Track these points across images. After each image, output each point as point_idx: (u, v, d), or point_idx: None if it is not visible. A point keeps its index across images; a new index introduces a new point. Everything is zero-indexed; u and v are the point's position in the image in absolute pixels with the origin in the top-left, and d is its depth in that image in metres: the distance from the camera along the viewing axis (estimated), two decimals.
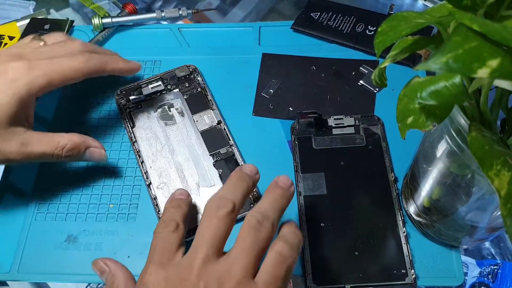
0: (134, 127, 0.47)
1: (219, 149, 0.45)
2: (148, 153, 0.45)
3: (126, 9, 0.56)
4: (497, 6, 0.22)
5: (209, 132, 0.46)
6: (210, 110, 0.48)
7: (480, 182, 0.30)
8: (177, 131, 0.46)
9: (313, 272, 0.38)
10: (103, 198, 0.44)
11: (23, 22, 0.56)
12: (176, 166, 0.44)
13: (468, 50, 0.19)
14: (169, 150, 0.45)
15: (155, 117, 0.47)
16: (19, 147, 0.37)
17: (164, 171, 0.44)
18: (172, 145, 0.46)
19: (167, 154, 0.45)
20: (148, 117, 0.48)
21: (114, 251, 0.41)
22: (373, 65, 0.50)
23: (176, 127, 0.47)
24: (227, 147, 0.45)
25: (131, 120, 0.47)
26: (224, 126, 0.46)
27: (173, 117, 0.47)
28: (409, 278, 0.38)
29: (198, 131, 0.46)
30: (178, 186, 0.43)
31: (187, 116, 0.47)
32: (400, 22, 0.24)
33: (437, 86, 0.21)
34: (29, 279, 0.41)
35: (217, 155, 0.45)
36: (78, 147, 0.40)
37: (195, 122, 0.47)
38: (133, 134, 0.46)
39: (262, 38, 0.54)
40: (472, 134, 0.23)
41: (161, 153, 0.45)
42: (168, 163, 0.45)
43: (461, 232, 0.37)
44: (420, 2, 0.59)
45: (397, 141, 0.45)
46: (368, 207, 0.41)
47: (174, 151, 0.45)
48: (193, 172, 0.44)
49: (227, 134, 0.46)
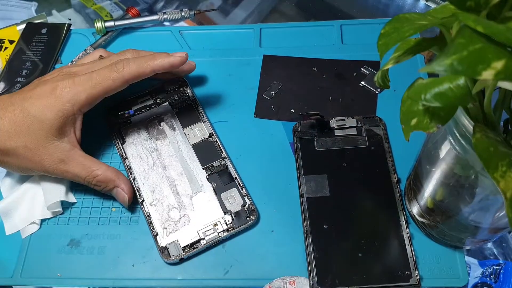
0: (124, 143, 0.46)
1: (212, 162, 0.44)
2: (140, 169, 0.44)
3: (129, 13, 0.56)
4: (500, 7, 0.22)
5: (201, 145, 0.46)
6: (201, 123, 0.47)
7: (483, 183, 0.30)
8: (169, 146, 0.46)
9: (317, 274, 0.38)
10: (105, 201, 0.44)
11: (23, 26, 0.56)
12: (169, 181, 0.43)
13: (472, 52, 0.19)
14: (161, 165, 0.44)
15: (145, 132, 0.46)
16: (58, 163, 0.40)
17: (157, 187, 0.43)
18: (164, 160, 0.45)
19: (159, 170, 0.44)
20: (138, 133, 0.46)
21: (117, 254, 0.41)
22: (374, 66, 0.50)
23: (167, 141, 0.46)
24: (220, 159, 0.44)
25: (121, 136, 0.46)
26: (216, 138, 0.46)
27: (164, 132, 0.46)
28: (413, 279, 0.38)
29: (190, 144, 0.45)
30: (172, 202, 0.42)
31: (178, 130, 0.46)
32: (403, 23, 0.24)
33: (441, 88, 0.21)
34: (32, 283, 0.41)
35: (210, 169, 0.44)
36: (108, 183, 0.41)
37: (187, 136, 0.46)
38: (123, 151, 0.45)
39: (263, 39, 0.54)
40: (477, 136, 0.23)
41: (153, 169, 0.44)
42: (160, 179, 0.44)
43: (464, 232, 0.37)
44: (422, 2, 0.59)
45: (400, 142, 0.45)
46: (371, 208, 0.41)
47: (166, 166, 0.44)
48: (187, 186, 0.43)
49: (219, 147, 0.45)
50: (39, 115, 0.39)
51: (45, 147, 0.39)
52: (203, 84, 0.51)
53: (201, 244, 0.40)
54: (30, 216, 0.43)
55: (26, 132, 0.39)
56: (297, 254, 0.40)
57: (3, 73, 0.52)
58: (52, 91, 0.40)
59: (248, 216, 0.41)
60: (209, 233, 0.41)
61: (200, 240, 0.40)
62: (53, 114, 0.39)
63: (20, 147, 0.39)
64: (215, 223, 0.41)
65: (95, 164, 0.41)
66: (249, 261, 0.40)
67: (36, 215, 0.43)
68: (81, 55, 0.53)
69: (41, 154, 0.39)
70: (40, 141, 0.39)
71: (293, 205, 0.42)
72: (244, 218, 0.41)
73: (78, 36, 0.56)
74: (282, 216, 0.42)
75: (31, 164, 0.40)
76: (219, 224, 0.41)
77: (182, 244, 0.40)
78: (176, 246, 0.40)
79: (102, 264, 0.41)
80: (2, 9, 0.61)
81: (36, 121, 0.39)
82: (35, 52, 0.54)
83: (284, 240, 0.41)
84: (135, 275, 0.40)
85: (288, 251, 0.40)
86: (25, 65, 0.53)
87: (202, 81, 0.51)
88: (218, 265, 0.40)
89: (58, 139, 0.40)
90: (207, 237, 0.40)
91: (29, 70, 0.52)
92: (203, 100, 0.49)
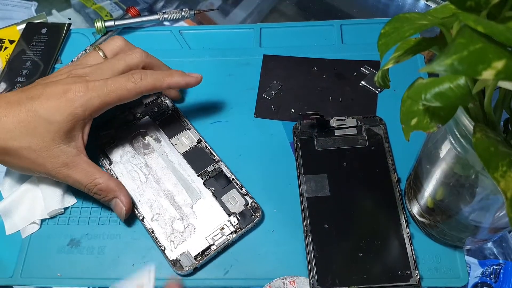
0: (112, 163, 0.45)
1: (206, 167, 0.44)
2: (133, 187, 0.43)
3: (129, 13, 0.56)
4: (500, 7, 0.22)
5: (191, 152, 0.45)
6: (187, 131, 0.46)
7: (484, 182, 0.30)
8: (158, 158, 0.45)
9: (317, 273, 0.38)
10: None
11: (23, 26, 0.56)
12: (166, 194, 0.43)
13: (473, 51, 0.19)
14: (155, 180, 0.44)
15: (131, 149, 0.45)
16: (61, 166, 0.39)
17: (155, 201, 0.42)
18: (156, 174, 0.44)
19: (153, 184, 0.43)
20: (123, 151, 0.45)
21: (117, 254, 0.41)
22: (374, 66, 0.50)
23: (155, 154, 0.45)
24: (213, 164, 0.44)
25: (106, 157, 0.45)
26: (205, 143, 0.45)
27: (150, 145, 0.46)
28: (413, 279, 0.38)
29: (180, 154, 0.45)
30: (173, 214, 0.42)
31: (164, 141, 0.46)
32: (403, 23, 0.24)
33: (442, 88, 0.21)
34: (32, 283, 0.41)
35: (205, 174, 0.44)
36: (107, 193, 0.41)
37: (174, 146, 0.45)
38: (112, 171, 0.44)
39: (263, 39, 0.54)
40: (477, 136, 0.23)
41: (146, 184, 0.43)
42: (156, 193, 0.43)
43: (464, 232, 0.37)
44: (422, 2, 0.59)
45: (400, 141, 0.45)
46: (371, 208, 0.41)
47: (160, 179, 0.44)
48: (185, 196, 0.43)
49: (210, 151, 0.45)
50: (48, 117, 0.38)
51: (50, 150, 0.39)
52: (203, 84, 0.50)
53: (212, 250, 0.40)
54: (30, 216, 0.43)
55: (32, 133, 0.38)
56: (297, 254, 0.40)
57: (3, 73, 0.52)
58: (64, 94, 0.39)
59: (253, 214, 0.41)
60: (218, 237, 0.40)
61: (211, 246, 0.40)
62: (63, 117, 0.38)
63: (24, 148, 0.38)
64: (222, 227, 0.41)
65: (98, 172, 0.41)
66: (249, 261, 0.40)
67: (36, 215, 0.43)
68: (81, 55, 0.53)
69: (45, 157, 0.39)
70: (45, 143, 0.38)
71: (293, 205, 0.42)
72: (250, 216, 0.41)
73: (78, 36, 0.56)
74: (282, 216, 0.42)
75: (33, 166, 0.39)
76: (226, 227, 0.41)
77: (193, 254, 0.40)
78: (188, 257, 0.40)
79: (102, 264, 0.41)
80: (2, 8, 0.61)
81: (44, 122, 0.38)
82: (35, 52, 0.54)
83: (284, 240, 0.41)
84: (135, 275, 0.40)
85: (288, 251, 0.40)
86: (25, 65, 0.53)
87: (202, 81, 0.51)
88: (218, 265, 0.40)
89: (65, 143, 0.39)
90: (217, 241, 0.40)
91: (29, 70, 0.52)
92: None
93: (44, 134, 0.38)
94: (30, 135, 0.38)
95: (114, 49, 0.45)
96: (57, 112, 0.38)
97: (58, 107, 0.38)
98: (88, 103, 0.39)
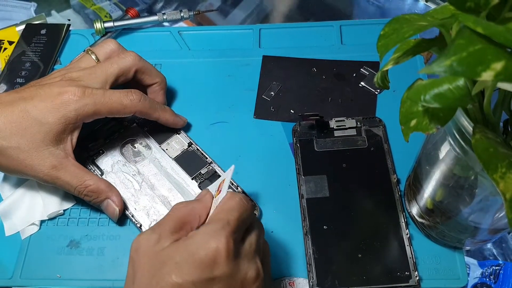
0: (103, 174, 0.44)
1: (199, 170, 0.44)
2: (128, 195, 0.43)
3: (129, 13, 0.56)
4: (500, 8, 0.22)
5: (183, 156, 0.45)
6: (177, 135, 0.46)
7: (483, 183, 0.30)
8: (150, 165, 0.45)
9: (317, 275, 0.38)
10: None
11: (22, 26, 0.56)
12: (161, 199, 0.43)
13: (472, 53, 0.19)
14: (149, 186, 0.43)
15: (121, 158, 0.45)
16: (50, 169, 0.39)
17: (151, 208, 0.42)
18: (150, 181, 0.44)
19: (148, 191, 0.43)
20: (114, 160, 0.45)
21: (117, 255, 0.41)
22: (374, 67, 0.50)
23: (147, 161, 0.45)
24: (207, 166, 0.44)
25: (97, 168, 0.45)
26: (196, 146, 0.45)
27: (140, 153, 0.45)
28: (412, 280, 0.38)
29: (171, 158, 0.45)
30: None
31: (154, 148, 0.45)
32: (402, 24, 0.24)
33: (441, 89, 0.21)
34: (31, 284, 0.40)
35: (199, 177, 0.44)
36: (99, 194, 0.41)
37: (165, 151, 0.45)
38: None
39: (262, 40, 0.54)
40: (476, 137, 0.23)
41: (141, 192, 0.43)
42: (152, 200, 0.43)
43: (464, 233, 0.37)
44: (422, 3, 0.59)
45: (399, 142, 0.45)
46: (370, 209, 0.41)
47: (154, 186, 0.43)
48: (181, 200, 0.42)
49: (202, 153, 0.45)
50: (40, 118, 0.38)
51: (39, 151, 0.38)
52: (203, 85, 0.51)
53: None
54: (29, 217, 0.43)
55: (22, 133, 0.38)
56: (296, 255, 0.40)
57: (3, 74, 0.52)
58: (58, 96, 0.39)
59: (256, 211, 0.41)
60: None
61: None
62: (55, 119, 0.38)
63: (12, 148, 0.38)
64: None
65: (88, 174, 0.40)
66: None
67: (35, 216, 0.43)
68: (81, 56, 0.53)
69: (34, 158, 0.38)
70: (34, 144, 0.38)
71: (293, 206, 0.42)
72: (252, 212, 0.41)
73: (77, 37, 0.56)
74: (281, 217, 0.42)
75: (21, 167, 0.39)
76: None
77: None
78: None
79: (101, 265, 0.40)
80: (1, 9, 0.61)
81: (35, 123, 0.38)
82: (34, 52, 0.54)
83: (284, 241, 0.41)
84: None
85: (287, 252, 0.40)
86: (25, 66, 0.53)
87: (201, 82, 0.51)
88: None
89: (54, 145, 0.39)
90: None
91: (28, 71, 0.52)
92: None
93: (35, 135, 0.38)
94: (20, 135, 0.38)
95: (106, 52, 0.45)
96: (49, 113, 0.38)
97: (51, 108, 0.39)
98: (82, 108, 0.39)
